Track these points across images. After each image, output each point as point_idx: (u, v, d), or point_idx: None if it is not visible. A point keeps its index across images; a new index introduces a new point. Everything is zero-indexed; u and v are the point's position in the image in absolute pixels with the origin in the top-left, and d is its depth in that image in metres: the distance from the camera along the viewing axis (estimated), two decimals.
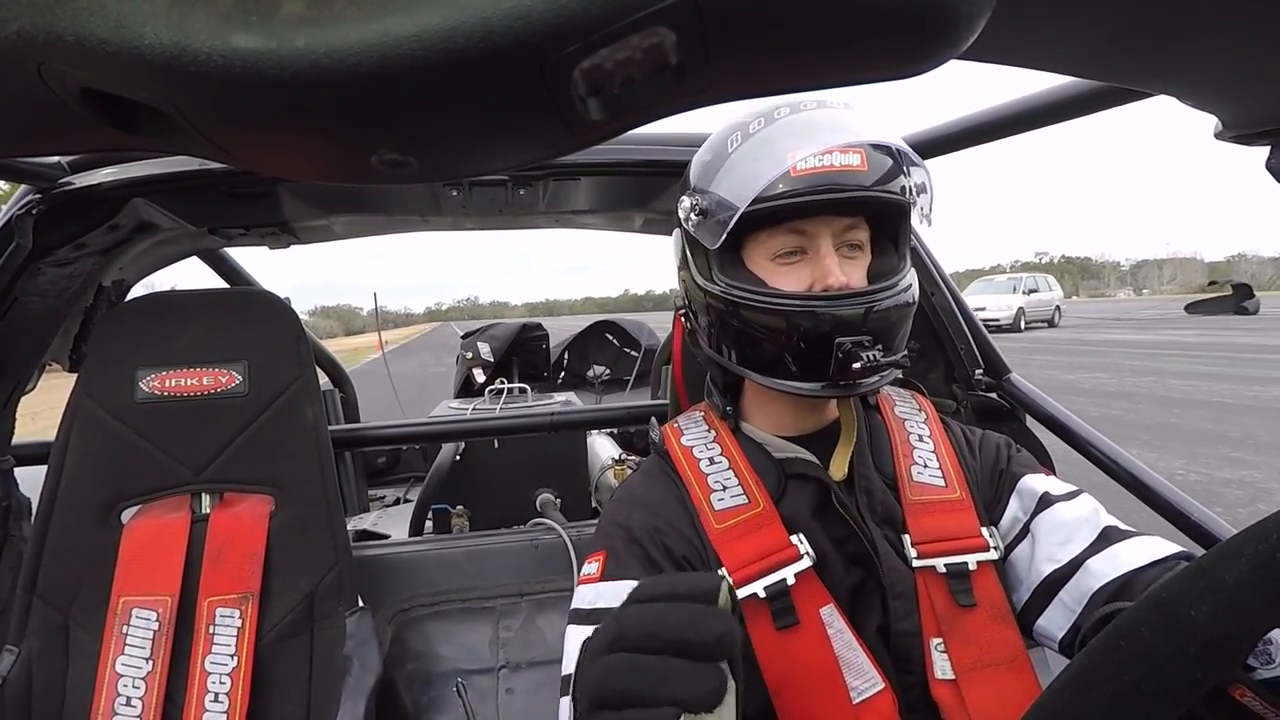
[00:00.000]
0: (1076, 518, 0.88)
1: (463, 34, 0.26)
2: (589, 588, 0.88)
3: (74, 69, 0.29)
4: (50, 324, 1.51)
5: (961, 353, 1.61)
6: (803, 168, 0.84)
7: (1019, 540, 0.91)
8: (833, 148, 0.85)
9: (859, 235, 0.91)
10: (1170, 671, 0.35)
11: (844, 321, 0.85)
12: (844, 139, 0.86)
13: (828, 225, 0.88)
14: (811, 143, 0.85)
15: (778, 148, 0.87)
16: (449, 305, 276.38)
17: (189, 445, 1.38)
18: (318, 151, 0.33)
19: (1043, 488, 0.92)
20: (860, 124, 0.88)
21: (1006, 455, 0.99)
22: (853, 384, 0.86)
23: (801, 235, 0.89)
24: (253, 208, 1.58)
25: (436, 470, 2.17)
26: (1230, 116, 0.54)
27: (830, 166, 0.84)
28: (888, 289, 0.88)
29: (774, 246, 0.90)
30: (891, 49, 0.30)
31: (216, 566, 1.31)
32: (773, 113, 0.90)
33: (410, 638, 1.62)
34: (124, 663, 1.24)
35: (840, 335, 0.85)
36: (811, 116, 0.88)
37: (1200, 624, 0.35)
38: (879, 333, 0.86)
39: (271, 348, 1.43)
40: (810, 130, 0.87)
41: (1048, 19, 0.39)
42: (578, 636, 0.85)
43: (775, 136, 0.88)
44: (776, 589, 0.84)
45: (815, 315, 0.86)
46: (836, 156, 0.85)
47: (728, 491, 0.92)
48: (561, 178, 1.51)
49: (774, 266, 0.91)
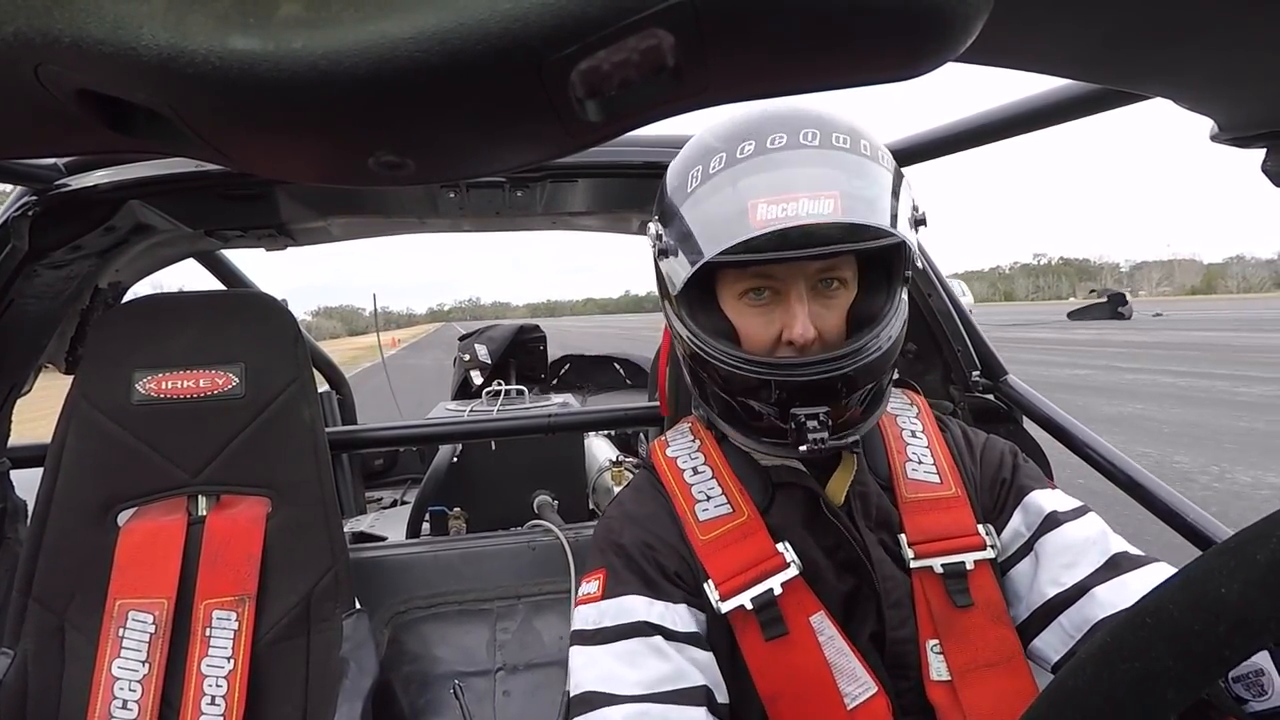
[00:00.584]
0: (1085, 539, 0.86)
1: (460, 36, 0.26)
2: (591, 608, 0.87)
3: (71, 71, 0.29)
4: (46, 326, 1.50)
5: (958, 354, 1.61)
6: (765, 217, 0.75)
7: (1021, 556, 0.89)
8: (799, 195, 0.76)
9: (840, 273, 0.85)
10: (1198, 649, 0.35)
11: (803, 389, 0.80)
12: (816, 184, 0.76)
13: (800, 269, 0.82)
14: (776, 189, 0.77)
15: (739, 193, 0.78)
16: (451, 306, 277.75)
17: (185, 447, 1.38)
18: (315, 153, 0.33)
19: (1050, 505, 0.90)
20: (836, 162, 0.79)
21: (1012, 465, 0.96)
22: (815, 449, 0.80)
23: (771, 278, 0.83)
24: (249, 209, 1.58)
25: (434, 472, 2.16)
26: (1226, 119, 0.54)
27: (796, 218, 0.75)
28: (857, 350, 0.81)
29: (742, 287, 0.85)
30: (889, 51, 0.30)
31: (213, 569, 1.31)
32: (736, 148, 0.80)
33: (407, 640, 1.62)
34: (120, 665, 1.24)
35: (796, 407, 0.80)
36: (775, 158, 0.79)
37: (1230, 602, 0.35)
38: (849, 391, 0.81)
39: (268, 350, 1.42)
40: (775, 173, 0.78)
41: (1044, 21, 0.39)
42: (584, 657, 0.85)
43: (736, 179, 0.79)
44: (763, 600, 0.83)
45: (770, 383, 0.81)
46: (804, 205, 0.75)
47: (712, 501, 0.91)
48: (559, 179, 1.51)
49: (743, 306, 0.86)
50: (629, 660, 0.81)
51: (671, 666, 0.81)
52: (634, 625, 0.83)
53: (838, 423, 0.82)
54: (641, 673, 0.80)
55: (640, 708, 0.78)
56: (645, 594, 0.86)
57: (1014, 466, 0.96)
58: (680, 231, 0.84)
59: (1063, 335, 23.23)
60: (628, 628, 0.83)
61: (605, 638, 0.84)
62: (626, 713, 0.78)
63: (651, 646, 0.82)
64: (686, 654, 0.83)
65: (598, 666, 0.82)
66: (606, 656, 0.83)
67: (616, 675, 0.81)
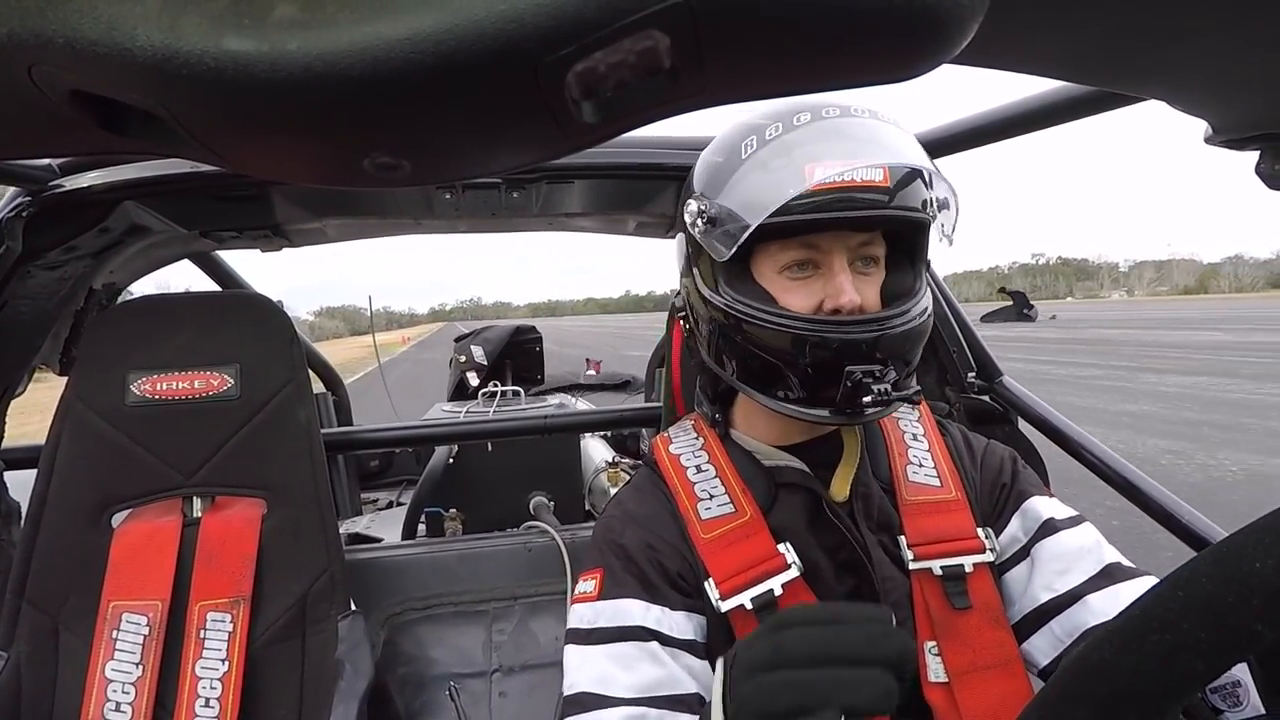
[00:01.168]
0: (1079, 547, 0.87)
1: (455, 37, 0.26)
2: (587, 607, 0.87)
3: (64, 71, 0.29)
4: (40, 327, 1.50)
5: (954, 355, 1.61)
6: (823, 181, 0.78)
7: (1017, 561, 0.90)
8: (857, 163, 0.79)
9: (875, 250, 0.87)
10: (1231, 622, 0.35)
11: (856, 348, 0.81)
12: (869, 152, 0.81)
13: (842, 240, 0.84)
14: (834, 154, 0.79)
15: (796, 158, 0.80)
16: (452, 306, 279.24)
17: (180, 449, 1.38)
18: (310, 154, 0.33)
19: (1048, 512, 0.91)
20: (886, 136, 0.83)
21: (1011, 471, 0.97)
22: (860, 413, 0.82)
23: (814, 250, 0.84)
24: (244, 210, 1.58)
25: (430, 473, 2.16)
26: (1220, 121, 0.54)
27: (852, 182, 0.79)
28: (902, 313, 0.83)
29: (784, 259, 0.85)
30: (884, 53, 0.30)
31: (208, 570, 1.31)
32: (792, 118, 0.83)
33: (403, 641, 1.61)
34: (114, 667, 1.23)
35: (851, 363, 0.80)
36: (835, 125, 0.82)
37: (1265, 576, 0.35)
38: (892, 359, 0.82)
39: (263, 351, 1.42)
40: (833, 140, 0.81)
41: (1039, 24, 0.39)
42: (578, 656, 0.85)
43: (794, 145, 0.82)
44: (763, 600, 0.83)
45: (825, 340, 0.81)
46: (860, 171, 0.79)
47: (714, 500, 0.91)
48: (555, 180, 1.50)
49: (783, 280, 0.86)
50: (623, 663, 0.81)
51: (665, 673, 0.81)
52: (630, 629, 0.83)
53: (889, 391, 0.81)
54: (635, 676, 0.80)
55: (635, 711, 0.78)
56: (643, 598, 0.86)
57: (1014, 472, 0.97)
58: (734, 196, 0.85)
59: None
60: (623, 630, 0.84)
61: (600, 638, 0.84)
62: (620, 715, 0.78)
63: (646, 651, 0.82)
64: (681, 661, 0.83)
65: (592, 667, 0.82)
66: (601, 657, 0.83)
67: (610, 677, 0.81)
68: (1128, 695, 0.35)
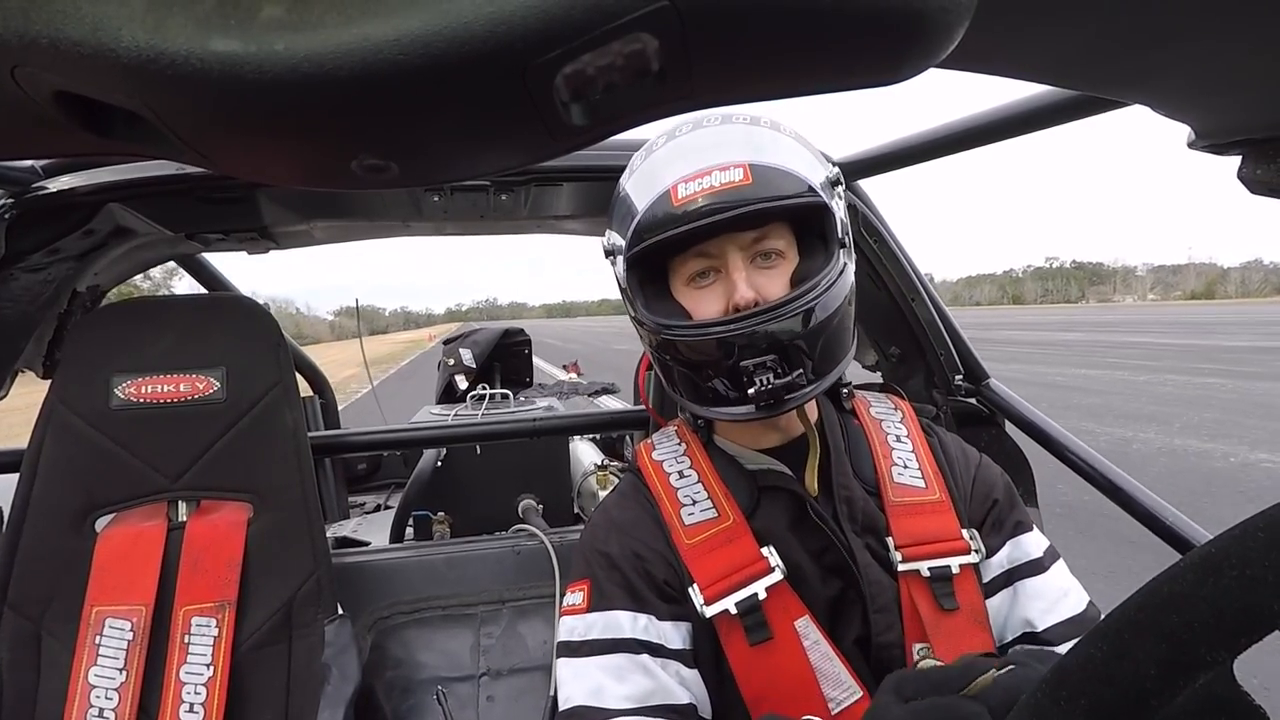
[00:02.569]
0: (1060, 588, 0.90)
1: (444, 39, 0.26)
2: (577, 619, 0.88)
3: (48, 72, 0.28)
4: (23, 330, 1.48)
5: (942, 358, 1.62)
6: (683, 194, 0.83)
7: (999, 588, 0.91)
8: (710, 168, 0.83)
9: (774, 244, 0.88)
10: None
11: (747, 342, 0.83)
12: (723, 155, 0.84)
13: (733, 242, 0.86)
14: (687, 166, 0.84)
15: (658, 178, 0.86)
16: (469, 306, 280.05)
17: (165, 452, 1.37)
18: (297, 156, 0.33)
19: (1038, 550, 0.93)
20: (739, 136, 0.87)
21: (1007, 495, 0.98)
22: (778, 402, 0.84)
23: (712, 257, 0.88)
24: (231, 213, 1.57)
25: (418, 476, 2.15)
26: (1202, 126, 0.54)
27: (710, 188, 0.83)
28: (789, 301, 0.84)
29: (687, 271, 0.89)
30: (871, 56, 0.31)
31: (193, 575, 1.30)
32: (651, 144, 0.91)
33: (390, 645, 1.61)
34: (97, 673, 1.22)
35: (743, 359, 0.83)
36: (685, 141, 0.88)
37: None
38: (800, 343, 0.84)
39: (250, 354, 1.41)
40: (685, 154, 0.86)
41: (1025, 28, 0.40)
42: (570, 670, 0.85)
43: (655, 167, 0.88)
44: (748, 604, 0.84)
45: (710, 341, 0.84)
46: (715, 176, 0.83)
47: (697, 505, 0.92)
48: (543, 183, 1.50)
49: (692, 291, 0.90)
50: (616, 675, 0.82)
51: (656, 684, 0.82)
52: (620, 641, 0.84)
53: (785, 381, 0.83)
54: (629, 687, 0.81)
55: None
56: (631, 608, 0.86)
57: (1012, 504, 0.98)
58: (621, 227, 0.90)
59: None
60: (614, 643, 0.84)
61: (591, 650, 0.84)
62: None
63: (637, 663, 0.83)
64: (671, 670, 0.84)
65: (586, 680, 0.83)
66: (594, 669, 0.83)
67: (604, 689, 0.81)
68: (1201, 627, 0.34)
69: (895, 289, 1.58)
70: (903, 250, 1.58)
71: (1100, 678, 0.37)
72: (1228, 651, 0.34)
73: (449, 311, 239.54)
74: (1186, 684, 0.35)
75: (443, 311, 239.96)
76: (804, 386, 0.84)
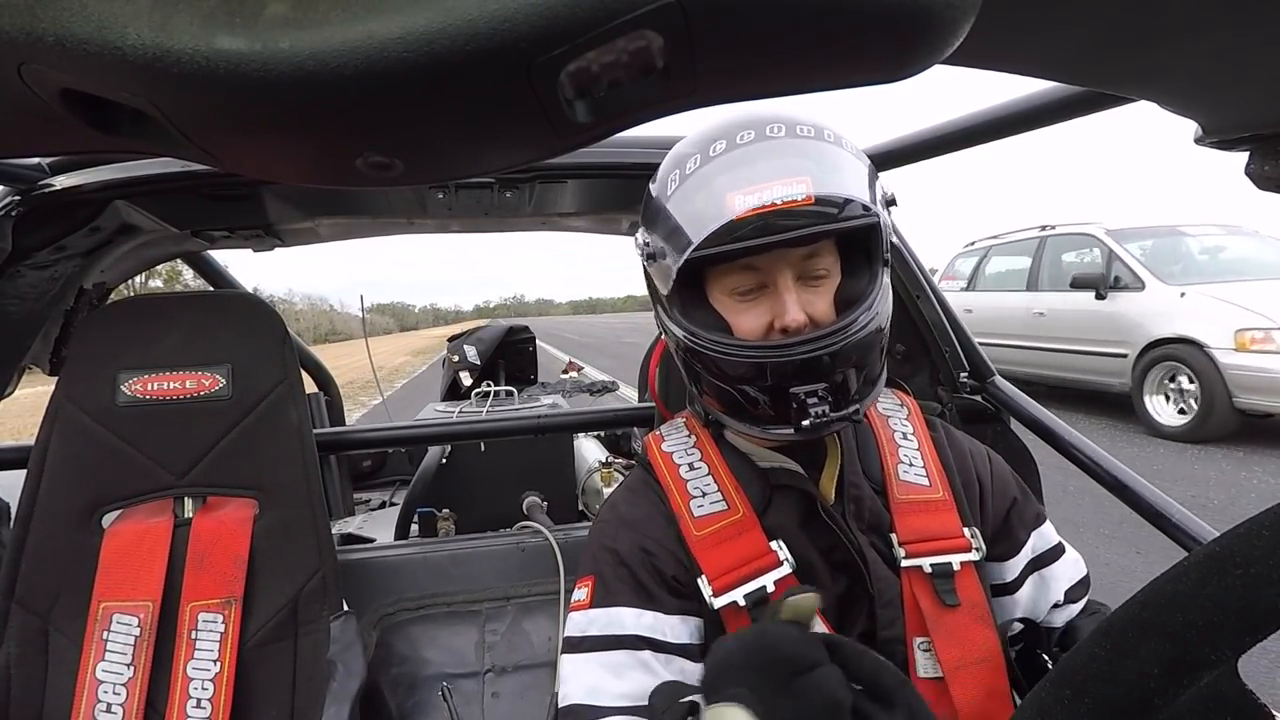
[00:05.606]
0: (1070, 560, 1.01)
1: (448, 36, 0.26)
2: (581, 615, 0.88)
3: (54, 70, 0.28)
4: (30, 327, 1.49)
5: (946, 355, 1.62)
6: (743, 209, 0.78)
7: (1028, 575, 0.97)
8: (773, 183, 0.79)
9: (821, 263, 0.86)
10: None
11: (796, 368, 0.82)
12: (785, 172, 0.79)
13: (783, 259, 0.84)
14: (753, 180, 0.80)
15: (715, 188, 0.81)
16: (496, 303, 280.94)
17: (171, 449, 1.37)
18: (302, 154, 0.33)
19: (1055, 537, 1.01)
20: (803, 150, 0.82)
21: (1024, 495, 1.02)
22: (822, 428, 0.82)
23: (758, 271, 0.85)
24: (236, 210, 1.57)
25: (422, 473, 2.15)
26: (1209, 122, 0.54)
27: (772, 205, 0.78)
28: (844, 327, 0.82)
29: (731, 283, 0.87)
30: (877, 53, 0.30)
31: (199, 571, 1.30)
32: (709, 148, 0.84)
33: (395, 642, 1.61)
34: (104, 669, 1.23)
35: (794, 385, 0.82)
36: (747, 152, 0.82)
37: None
38: (843, 368, 0.83)
39: (255, 351, 1.41)
40: (748, 166, 0.81)
41: (1031, 25, 0.40)
42: (571, 666, 0.85)
43: (712, 175, 0.83)
44: (756, 596, 0.84)
45: (765, 365, 0.83)
46: (778, 191, 0.78)
47: (707, 498, 0.92)
48: (548, 180, 1.50)
49: (734, 303, 0.87)
50: (615, 671, 0.82)
51: (656, 680, 0.82)
52: (622, 638, 0.84)
53: (841, 415, 0.82)
54: (626, 684, 0.81)
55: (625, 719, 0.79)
56: (635, 604, 0.86)
57: (1024, 493, 1.02)
58: (665, 233, 0.86)
59: None
60: (615, 639, 0.84)
61: (592, 646, 0.85)
62: None
63: (639, 660, 0.83)
64: (674, 666, 0.84)
65: (584, 677, 0.83)
66: (593, 666, 0.83)
67: (601, 686, 0.81)
68: (1205, 625, 0.34)
69: (900, 286, 1.58)
70: (907, 247, 1.58)
71: (1104, 676, 0.37)
72: (1232, 650, 0.34)
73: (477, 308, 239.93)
74: (1191, 683, 0.35)
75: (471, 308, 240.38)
76: (849, 409, 0.83)
